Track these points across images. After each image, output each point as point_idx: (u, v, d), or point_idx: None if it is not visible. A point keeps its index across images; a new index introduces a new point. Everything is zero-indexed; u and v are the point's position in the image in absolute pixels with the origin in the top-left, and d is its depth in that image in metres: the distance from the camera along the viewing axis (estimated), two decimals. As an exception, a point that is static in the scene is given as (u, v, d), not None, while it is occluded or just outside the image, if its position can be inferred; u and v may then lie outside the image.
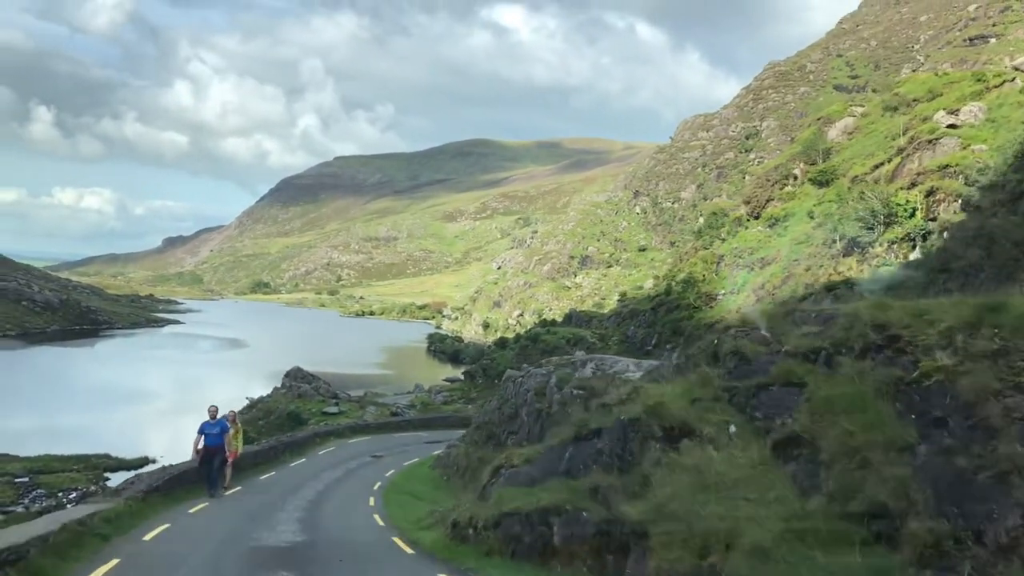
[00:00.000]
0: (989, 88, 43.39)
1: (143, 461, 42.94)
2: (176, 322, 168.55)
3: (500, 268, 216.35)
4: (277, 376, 67.88)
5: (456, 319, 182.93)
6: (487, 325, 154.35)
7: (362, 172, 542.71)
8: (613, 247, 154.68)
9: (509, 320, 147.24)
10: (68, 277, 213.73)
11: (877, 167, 46.66)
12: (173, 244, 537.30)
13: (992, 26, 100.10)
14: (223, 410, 20.53)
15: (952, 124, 38.77)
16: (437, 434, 45.00)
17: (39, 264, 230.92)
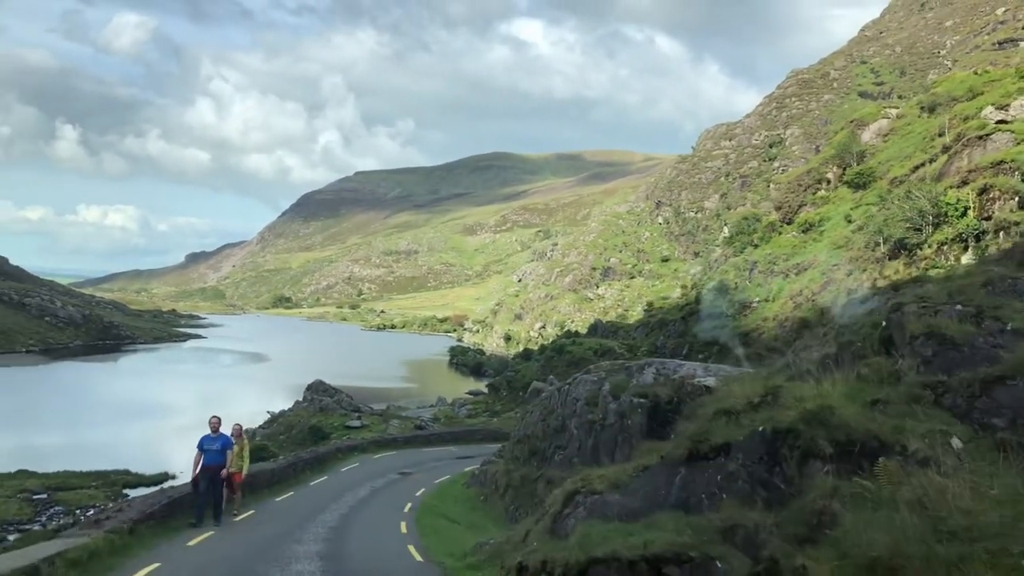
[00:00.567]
0: (1035, 83, 41.59)
1: (163, 477, 41.91)
2: (198, 336, 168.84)
3: (521, 281, 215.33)
4: (299, 390, 66.93)
5: (477, 332, 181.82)
6: (509, 337, 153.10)
7: (382, 186, 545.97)
8: (635, 258, 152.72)
9: (531, 332, 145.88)
10: (92, 293, 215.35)
11: (917, 168, 44.98)
12: (196, 260, 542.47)
13: (1022, 29, 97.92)
14: (228, 423, 18.22)
15: (1002, 120, 36.98)
16: (468, 448, 43.56)
17: (64, 281, 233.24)
